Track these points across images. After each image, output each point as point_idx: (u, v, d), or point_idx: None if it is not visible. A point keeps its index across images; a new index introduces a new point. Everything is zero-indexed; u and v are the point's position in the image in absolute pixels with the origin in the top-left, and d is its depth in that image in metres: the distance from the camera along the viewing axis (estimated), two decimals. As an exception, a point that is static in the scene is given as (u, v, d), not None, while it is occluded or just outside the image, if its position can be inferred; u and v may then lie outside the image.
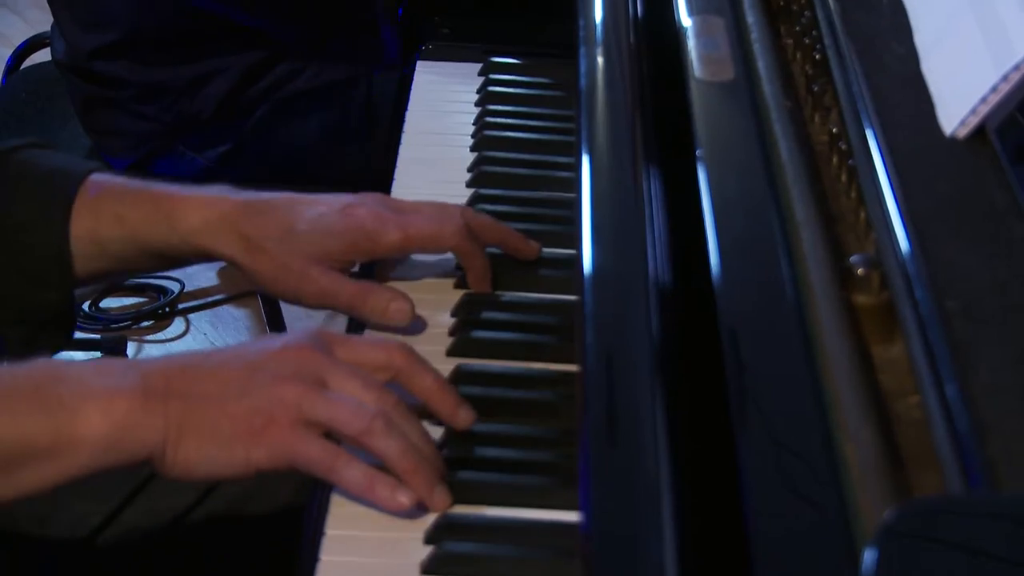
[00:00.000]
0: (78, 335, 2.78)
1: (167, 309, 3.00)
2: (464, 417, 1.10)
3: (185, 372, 1.06)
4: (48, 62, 2.34)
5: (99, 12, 2.12)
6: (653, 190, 1.19)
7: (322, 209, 1.26)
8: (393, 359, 1.10)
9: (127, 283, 2.98)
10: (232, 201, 1.27)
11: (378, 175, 1.55)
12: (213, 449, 1.03)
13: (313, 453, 1.03)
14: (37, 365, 1.05)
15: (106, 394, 1.02)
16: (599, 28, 1.37)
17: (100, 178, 1.30)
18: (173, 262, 1.33)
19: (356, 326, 1.28)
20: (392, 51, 1.84)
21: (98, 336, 2.88)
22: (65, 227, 1.27)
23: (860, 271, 0.99)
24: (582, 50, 1.33)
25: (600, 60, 1.31)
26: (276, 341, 1.09)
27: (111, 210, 1.27)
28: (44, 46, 2.49)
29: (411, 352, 1.12)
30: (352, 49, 2.22)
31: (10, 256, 1.28)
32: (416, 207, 1.29)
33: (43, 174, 1.29)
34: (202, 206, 1.27)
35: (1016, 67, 0.99)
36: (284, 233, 1.24)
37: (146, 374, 1.05)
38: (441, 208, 1.29)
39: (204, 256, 1.28)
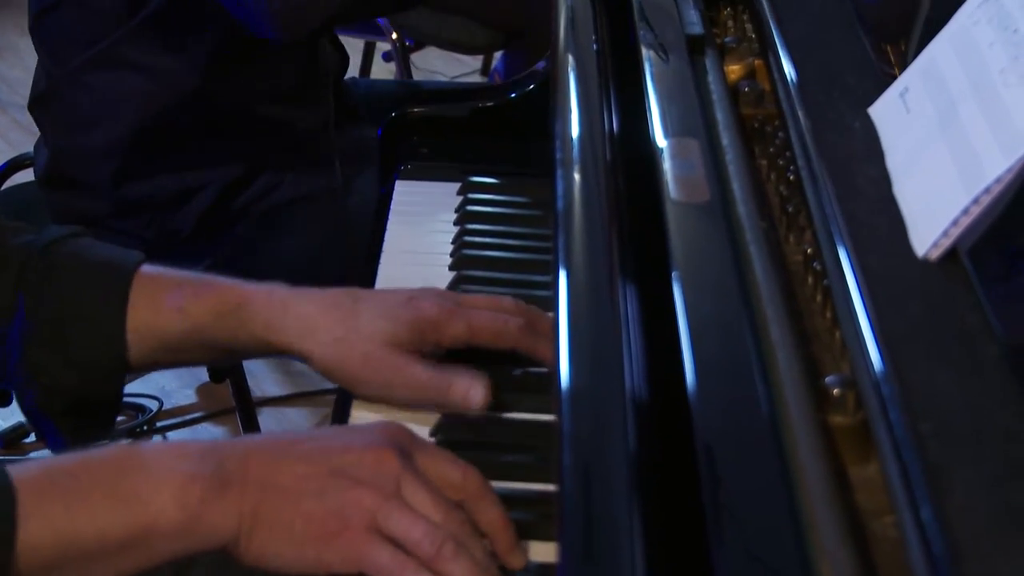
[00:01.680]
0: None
1: (145, 428, 2.98)
2: (518, 559, 1.11)
3: (265, 460, 1.06)
4: (30, 183, 2.35)
5: (83, 113, 2.14)
6: (630, 309, 1.20)
7: (387, 301, 1.27)
8: (468, 482, 1.11)
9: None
10: (296, 295, 1.28)
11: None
12: (284, 546, 1.04)
13: (383, 560, 1.04)
14: (117, 452, 1.05)
15: (181, 481, 1.02)
16: (576, 148, 1.39)
17: (152, 269, 1.31)
18: (232, 355, 1.33)
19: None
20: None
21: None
22: (121, 322, 1.27)
23: (836, 391, 1.00)
24: (559, 171, 1.34)
25: (577, 181, 1.32)
26: (359, 438, 1.10)
27: (172, 303, 1.28)
28: (25, 167, 2.50)
29: (485, 480, 1.13)
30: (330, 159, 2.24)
31: (65, 349, 1.28)
32: (474, 301, 1.30)
33: (94, 265, 1.30)
34: (268, 302, 1.27)
35: (986, 190, 1.01)
36: (352, 324, 1.25)
37: (224, 459, 1.05)
38: (498, 302, 1.30)
39: (271, 351, 1.29)
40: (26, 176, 2.43)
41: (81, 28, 2.10)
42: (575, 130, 1.41)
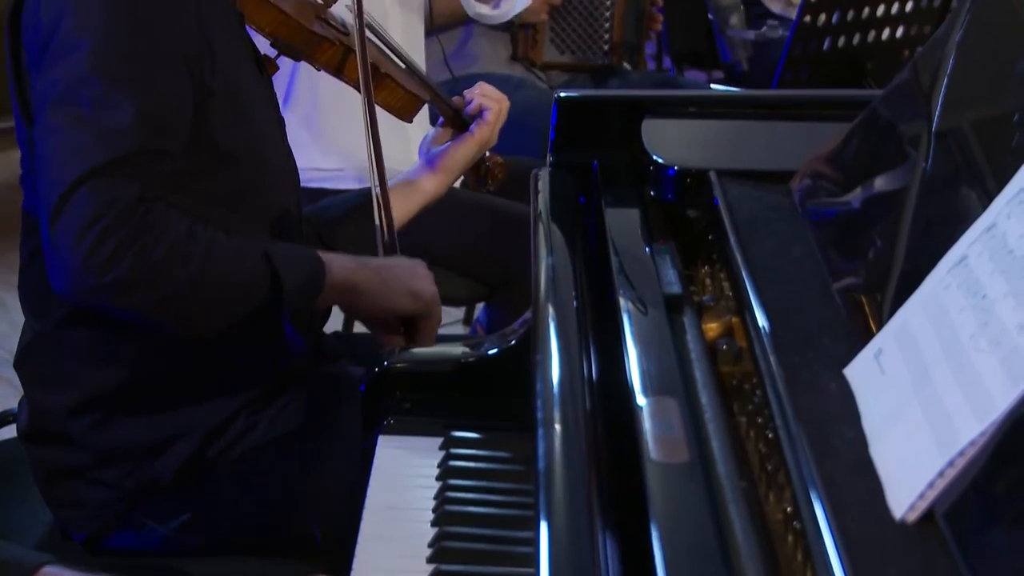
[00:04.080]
0: None
1: None
2: None
3: None
4: (10, 440, 2.35)
5: (62, 370, 2.15)
6: (610, 568, 1.20)
7: None
8: None
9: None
10: None
11: (338, 546, 1.56)
12: None
13: None
14: None
15: None
16: (556, 406, 1.40)
17: (52, 572, 1.29)
18: None
19: None
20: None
21: None
22: None
23: (817, 655, 1.00)
24: (540, 430, 1.36)
25: (557, 440, 1.33)
26: None
27: None
28: (8, 423, 2.50)
29: None
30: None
31: None
32: None
33: None
34: None
35: (961, 453, 1.02)
36: None
37: None
38: None
39: None
40: (7, 433, 2.43)
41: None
42: (555, 388, 1.43)
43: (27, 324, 2.22)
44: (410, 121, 2.59)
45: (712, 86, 4.32)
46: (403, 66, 2.53)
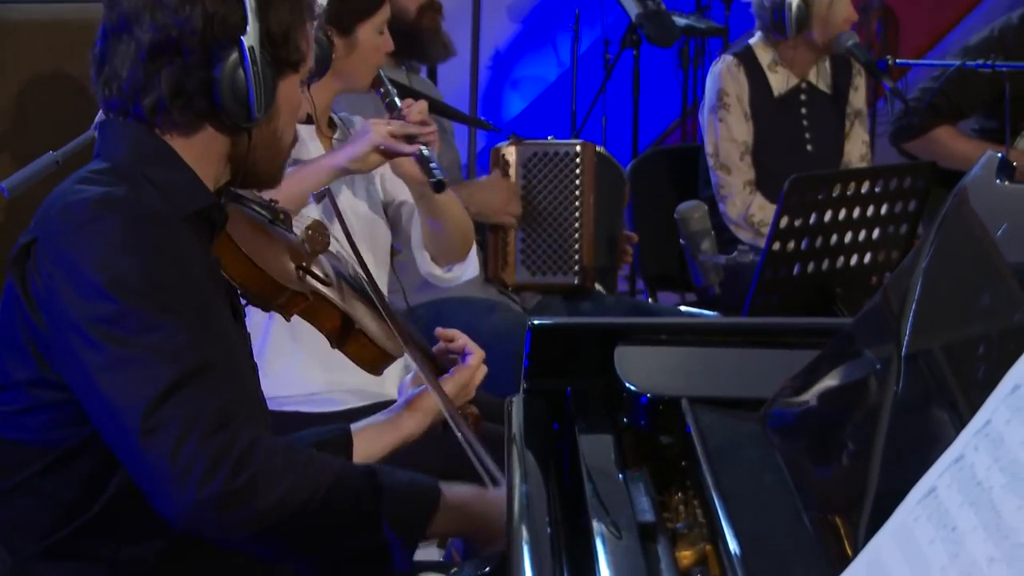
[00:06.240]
0: None
1: None
2: None
3: None
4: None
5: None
6: None
7: None
8: None
9: None
10: None
11: None
12: None
13: None
14: None
15: None
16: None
17: None
18: None
19: None
20: None
21: None
22: None
23: None
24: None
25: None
26: None
27: None
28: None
29: None
30: None
31: None
32: None
33: None
34: None
35: None
36: None
37: None
38: None
39: None
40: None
41: (36, 518, 2.10)
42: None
43: None
44: (379, 375, 2.55)
45: (684, 308, 4.36)
46: (383, 314, 2.47)
